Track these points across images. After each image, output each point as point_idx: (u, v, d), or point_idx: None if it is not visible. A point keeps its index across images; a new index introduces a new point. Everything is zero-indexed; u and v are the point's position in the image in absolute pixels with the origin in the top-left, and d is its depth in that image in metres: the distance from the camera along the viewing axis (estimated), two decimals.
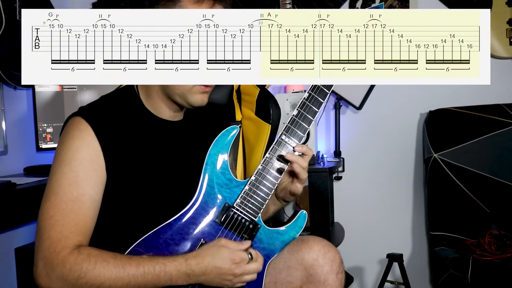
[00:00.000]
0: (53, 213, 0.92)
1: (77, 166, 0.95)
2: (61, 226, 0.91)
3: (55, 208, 0.93)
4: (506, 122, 2.04)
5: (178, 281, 0.94)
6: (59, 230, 0.91)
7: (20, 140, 2.07)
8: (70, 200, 0.93)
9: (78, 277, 0.89)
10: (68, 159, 0.95)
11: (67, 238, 0.91)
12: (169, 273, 0.93)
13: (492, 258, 1.71)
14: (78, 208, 0.93)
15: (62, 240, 0.91)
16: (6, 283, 1.94)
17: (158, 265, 0.92)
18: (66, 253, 0.90)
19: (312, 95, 1.04)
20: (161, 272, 0.92)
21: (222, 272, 0.95)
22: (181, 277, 0.94)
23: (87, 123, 0.98)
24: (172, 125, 1.10)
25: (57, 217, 0.92)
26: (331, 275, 1.03)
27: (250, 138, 1.61)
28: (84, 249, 0.92)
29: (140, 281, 0.91)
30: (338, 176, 2.38)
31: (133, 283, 0.91)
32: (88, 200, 0.95)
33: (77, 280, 0.89)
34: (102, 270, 0.90)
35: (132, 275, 0.91)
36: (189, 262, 0.94)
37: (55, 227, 0.91)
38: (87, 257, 0.90)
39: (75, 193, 0.94)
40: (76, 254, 0.90)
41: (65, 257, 0.89)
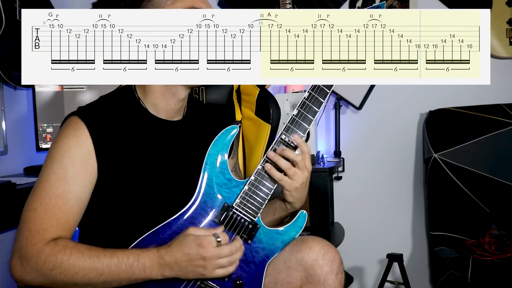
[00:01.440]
0: (37, 206, 0.93)
1: (67, 164, 0.96)
2: (42, 219, 0.92)
3: (39, 202, 0.93)
4: (506, 122, 2.04)
5: (152, 272, 0.93)
6: (39, 223, 0.92)
7: (20, 140, 2.07)
8: (55, 196, 0.94)
9: (53, 268, 0.89)
10: (59, 156, 0.96)
11: (46, 231, 0.92)
12: (142, 263, 0.92)
13: (492, 258, 1.71)
14: (62, 204, 0.94)
15: (41, 233, 0.91)
16: (6, 283, 1.94)
17: (132, 255, 0.93)
18: (42, 244, 0.90)
19: (313, 95, 1.04)
20: (134, 261, 0.92)
21: (191, 257, 0.92)
22: (154, 268, 0.93)
23: (83, 123, 0.98)
24: (171, 124, 1.10)
25: (40, 210, 0.93)
26: (330, 276, 1.03)
27: (250, 138, 1.61)
28: (61, 241, 0.92)
29: (113, 271, 0.91)
30: (338, 176, 2.38)
31: (106, 273, 0.91)
32: (73, 198, 0.95)
33: (51, 271, 0.89)
34: (76, 260, 0.90)
35: (106, 265, 0.91)
36: (160, 252, 0.94)
37: (36, 220, 0.92)
38: (62, 249, 0.91)
39: (61, 189, 0.94)
40: (52, 245, 0.91)
41: (41, 248, 0.90)
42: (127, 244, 0.98)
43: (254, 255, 1.03)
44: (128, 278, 0.93)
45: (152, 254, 0.94)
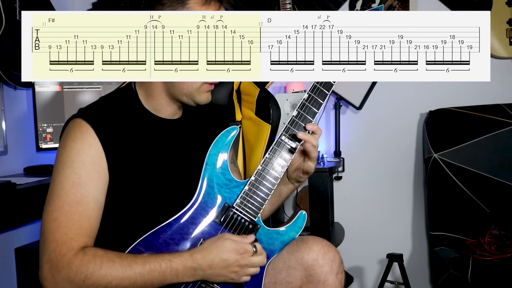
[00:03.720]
0: (57, 215, 0.92)
1: (80, 168, 0.95)
2: (65, 228, 0.91)
3: (59, 211, 0.92)
4: (506, 122, 2.04)
5: (184, 276, 0.94)
6: (64, 232, 0.91)
7: (20, 140, 2.07)
8: (73, 202, 0.93)
9: (85, 278, 0.89)
10: (70, 161, 0.95)
11: (72, 240, 0.91)
12: (175, 269, 0.93)
13: (492, 258, 1.72)
14: (82, 209, 0.93)
15: (67, 242, 0.91)
16: (6, 283, 1.94)
17: (164, 262, 0.93)
18: (71, 255, 0.90)
19: (312, 96, 1.04)
20: (167, 268, 0.93)
21: (229, 263, 0.95)
22: (188, 272, 0.94)
23: (88, 125, 0.98)
24: (171, 123, 1.10)
25: (61, 220, 0.92)
26: (331, 275, 1.03)
27: (250, 138, 1.61)
28: (90, 250, 0.92)
29: (146, 279, 0.92)
30: (338, 176, 2.38)
31: (140, 281, 0.91)
32: (91, 202, 0.95)
33: (84, 281, 0.89)
34: (108, 269, 0.90)
35: (138, 273, 0.91)
36: (194, 256, 0.94)
37: (59, 230, 0.91)
38: (92, 258, 0.90)
39: (78, 195, 0.93)
40: (82, 255, 0.90)
41: (71, 259, 0.89)
42: (128, 243, 0.98)
43: None
44: (161, 283, 0.94)
45: (185, 259, 0.94)
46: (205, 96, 1.04)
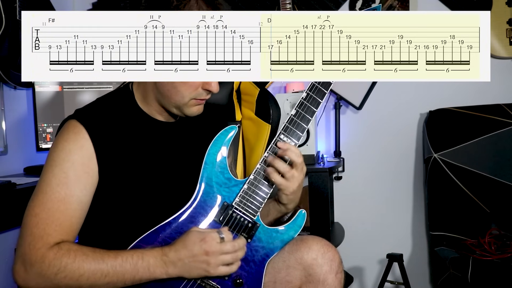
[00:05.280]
0: (39, 211, 0.93)
1: (68, 168, 0.95)
2: (44, 224, 0.92)
3: (41, 207, 0.93)
4: (506, 122, 2.04)
5: (156, 270, 0.94)
6: (42, 228, 0.92)
7: (20, 140, 2.07)
8: (57, 200, 0.94)
9: (57, 272, 0.89)
10: (60, 160, 0.96)
11: (49, 235, 0.92)
12: (147, 261, 0.93)
13: (492, 258, 1.72)
14: (64, 208, 0.94)
15: (44, 237, 0.91)
16: (6, 283, 1.94)
17: (136, 254, 0.93)
18: (45, 249, 0.90)
19: (310, 95, 1.04)
20: (138, 260, 0.93)
21: (194, 253, 0.93)
22: (158, 265, 0.93)
23: (82, 126, 0.98)
24: (168, 125, 1.10)
25: (42, 215, 0.92)
26: (330, 275, 1.03)
27: (250, 138, 1.61)
28: (64, 245, 0.92)
29: (118, 271, 0.92)
30: (338, 176, 2.38)
31: (111, 273, 0.91)
32: (75, 202, 0.95)
33: (56, 275, 0.89)
34: (81, 262, 0.90)
35: (110, 265, 0.91)
36: (164, 249, 0.95)
37: (38, 225, 0.92)
38: (66, 252, 0.91)
39: (62, 193, 0.94)
40: (56, 249, 0.91)
41: (45, 253, 0.90)
42: (127, 244, 0.98)
43: (253, 254, 1.04)
44: (133, 277, 0.93)
45: (156, 252, 0.94)
46: (195, 109, 1.04)
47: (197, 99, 1.02)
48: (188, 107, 1.03)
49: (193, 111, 1.04)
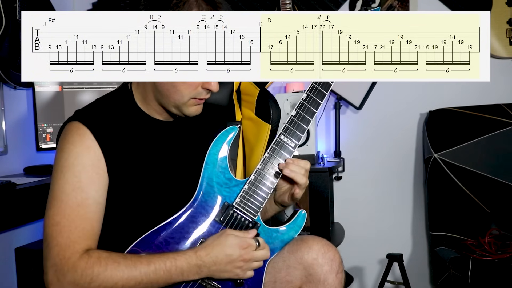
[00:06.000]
0: (59, 219, 0.92)
1: (80, 171, 0.95)
2: (68, 232, 0.91)
3: (60, 215, 0.92)
4: (506, 122, 2.04)
5: (189, 274, 0.94)
6: (67, 236, 0.91)
7: (20, 140, 2.07)
8: (75, 205, 0.93)
9: (91, 281, 0.89)
10: (69, 165, 0.95)
11: (75, 243, 0.91)
12: (180, 267, 0.93)
13: (492, 258, 1.72)
14: (84, 212, 0.94)
15: (71, 246, 0.91)
16: (6, 283, 1.94)
17: (169, 260, 0.93)
18: (76, 258, 0.90)
19: (310, 96, 1.05)
20: (172, 266, 0.93)
21: (233, 258, 0.96)
22: (192, 270, 0.94)
23: (85, 128, 0.98)
24: (168, 125, 1.10)
25: (64, 223, 0.92)
26: (330, 275, 1.03)
27: (250, 138, 1.61)
28: (94, 252, 0.92)
29: (152, 278, 0.92)
30: (338, 176, 2.38)
31: (145, 281, 0.92)
32: (93, 204, 0.95)
33: (90, 284, 0.89)
34: (113, 271, 0.90)
35: (144, 273, 0.91)
36: (199, 253, 0.95)
37: (62, 233, 0.91)
38: (97, 260, 0.90)
39: (79, 198, 0.93)
40: (86, 258, 0.90)
41: (75, 262, 0.89)
42: (127, 243, 0.98)
43: None
44: (166, 282, 0.94)
45: (190, 257, 0.95)
46: (194, 109, 1.04)
47: (196, 98, 1.01)
48: (187, 107, 1.02)
49: (192, 111, 1.04)
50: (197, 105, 1.04)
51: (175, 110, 1.04)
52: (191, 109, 1.03)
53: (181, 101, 1.01)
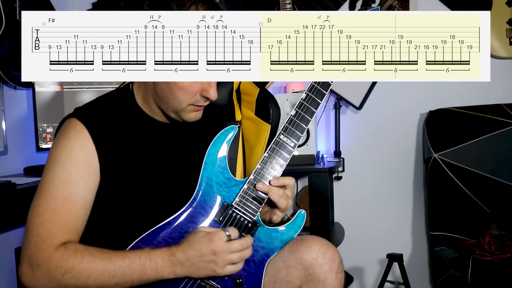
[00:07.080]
0: (43, 211, 0.92)
1: (71, 167, 0.95)
2: (50, 224, 0.92)
3: (45, 207, 0.93)
4: (506, 122, 2.04)
5: (164, 270, 0.93)
6: (48, 228, 0.91)
7: (20, 140, 2.07)
8: (61, 199, 0.93)
9: (65, 272, 0.89)
10: (62, 159, 0.96)
11: (54, 236, 0.91)
12: (154, 261, 0.93)
13: (492, 258, 1.72)
14: (68, 207, 0.94)
15: (50, 238, 0.91)
16: (6, 283, 1.94)
17: (143, 254, 0.93)
18: (52, 249, 0.90)
19: (310, 96, 1.05)
20: (146, 260, 0.92)
21: (202, 253, 0.93)
22: (166, 265, 0.93)
23: (82, 125, 0.98)
24: (168, 126, 1.10)
25: (46, 215, 0.92)
26: (330, 274, 1.03)
27: (250, 138, 1.61)
28: (71, 245, 0.92)
29: (126, 272, 0.92)
30: (338, 176, 2.38)
31: (119, 274, 0.91)
32: (79, 200, 0.95)
33: (63, 276, 0.89)
34: (88, 263, 0.90)
35: (118, 265, 0.91)
36: (171, 249, 0.95)
37: (43, 225, 0.91)
38: (73, 252, 0.90)
39: (66, 192, 0.94)
40: (63, 250, 0.90)
41: (51, 253, 0.90)
42: (127, 243, 0.98)
43: (253, 254, 1.04)
44: (140, 278, 0.93)
45: (164, 252, 0.94)
46: (193, 115, 1.04)
47: (195, 105, 1.02)
48: (185, 113, 1.03)
49: (190, 117, 1.04)
50: (196, 111, 1.04)
51: (174, 115, 1.04)
52: (189, 115, 1.04)
53: (179, 107, 1.01)
